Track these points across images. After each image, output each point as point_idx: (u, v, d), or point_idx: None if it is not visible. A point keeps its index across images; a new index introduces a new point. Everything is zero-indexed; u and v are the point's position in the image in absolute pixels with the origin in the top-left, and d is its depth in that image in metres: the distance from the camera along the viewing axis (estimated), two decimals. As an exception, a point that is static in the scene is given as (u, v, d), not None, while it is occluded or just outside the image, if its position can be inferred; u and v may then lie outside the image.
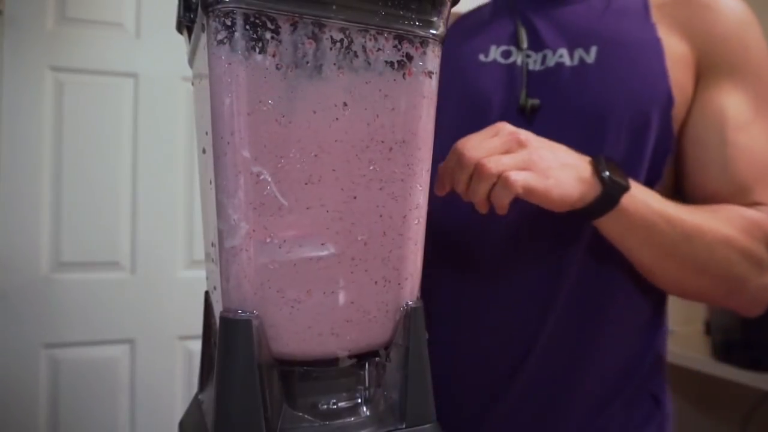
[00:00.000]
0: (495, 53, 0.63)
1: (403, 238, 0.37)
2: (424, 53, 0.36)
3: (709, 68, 0.57)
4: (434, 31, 0.36)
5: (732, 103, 0.56)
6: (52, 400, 1.30)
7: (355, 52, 0.34)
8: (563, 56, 0.59)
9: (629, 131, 0.56)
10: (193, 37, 0.39)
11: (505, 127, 0.49)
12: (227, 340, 0.33)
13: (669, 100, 0.56)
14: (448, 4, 0.37)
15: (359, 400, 0.38)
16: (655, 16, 0.59)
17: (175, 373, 1.39)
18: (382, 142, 0.36)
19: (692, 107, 0.58)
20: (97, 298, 1.33)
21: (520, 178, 0.46)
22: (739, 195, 0.55)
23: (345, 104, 0.34)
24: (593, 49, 0.58)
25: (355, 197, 0.35)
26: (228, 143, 0.32)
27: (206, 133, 0.35)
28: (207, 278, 0.43)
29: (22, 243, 1.28)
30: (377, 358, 0.39)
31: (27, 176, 1.28)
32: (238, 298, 0.34)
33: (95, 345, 1.33)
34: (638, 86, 0.56)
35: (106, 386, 1.33)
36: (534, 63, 0.61)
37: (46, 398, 1.29)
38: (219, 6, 0.31)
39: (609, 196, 0.49)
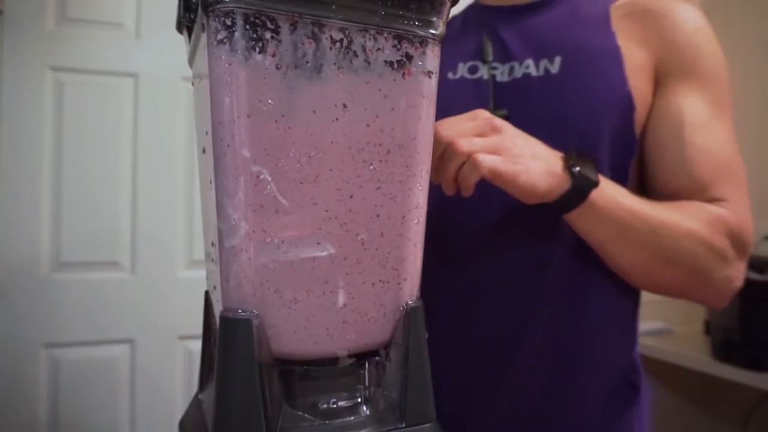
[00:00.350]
0: (462, 70, 0.66)
1: (403, 239, 0.37)
2: (424, 53, 0.36)
3: (667, 74, 0.59)
4: (434, 31, 0.36)
5: (689, 106, 0.58)
6: (53, 400, 1.30)
7: (355, 51, 0.34)
8: (530, 67, 0.62)
9: (593, 137, 0.58)
10: (193, 37, 0.39)
11: (482, 113, 0.51)
12: (227, 339, 0.33)
13: (630, 106, 0.58)
14: (448, 3, 0.37)
15: (359, 400, 0.38)
16: (615, 26, 0.61)
17: (175, 373, 1.39)
18: (380, 144, 0.36)
19: (652, 111, 0.60)
20: (97, 298, 1.33)
21: (488, 160, 0.47)
22: (698, 192, 0.57)
23: (345, 105, 0.34)
24: (557, 59, 0.60)
25: (353, 197, 0.35)
26: (228, 143, 0.32)
27: (206, 133, 0.35)
28: (207, 278, 0.43)
29: (22, 243, 1.28)
30: (377, 358, 0.39)
31: (27, 176, 1.28)
32: (238, 298, 0.34)
33: (95, 345, 1.33)
34: (600, 94, 0.58)
35: (107, 386, 1.33)
36: (501, 74, 0.63)
37: (47, 398, 1.29)
38: (219, 6, 0.31)
39: (578, 191, 0.51)
